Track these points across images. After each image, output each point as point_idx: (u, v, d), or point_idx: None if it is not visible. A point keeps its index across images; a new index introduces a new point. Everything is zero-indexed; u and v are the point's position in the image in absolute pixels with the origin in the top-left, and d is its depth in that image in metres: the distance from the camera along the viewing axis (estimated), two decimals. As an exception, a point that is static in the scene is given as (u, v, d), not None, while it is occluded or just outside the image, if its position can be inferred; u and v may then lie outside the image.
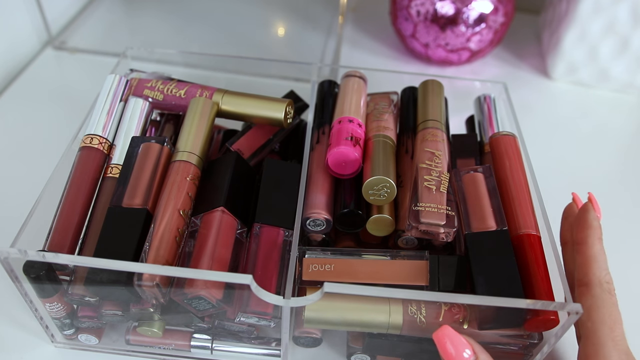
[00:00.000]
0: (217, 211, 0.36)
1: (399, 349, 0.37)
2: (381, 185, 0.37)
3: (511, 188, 0.37)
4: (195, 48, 0.71)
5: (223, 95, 0.43)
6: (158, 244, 0.34)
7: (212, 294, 0.33)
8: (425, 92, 0.45)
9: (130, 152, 0.39)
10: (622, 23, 0.62)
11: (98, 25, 0.75)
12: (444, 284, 0.35)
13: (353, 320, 0.35)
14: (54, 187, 0.38)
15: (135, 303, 0.35)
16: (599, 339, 0.32)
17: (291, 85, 0.52)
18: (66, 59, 0.69)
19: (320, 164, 0.41)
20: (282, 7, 0.81)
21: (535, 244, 0.35)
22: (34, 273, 0.33)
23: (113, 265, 0.32)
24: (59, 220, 0.37)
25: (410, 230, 0.36)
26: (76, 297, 0.35)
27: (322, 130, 0.43)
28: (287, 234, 0.37)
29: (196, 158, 0.38)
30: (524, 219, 0.36)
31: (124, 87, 0.43)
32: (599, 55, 0.66)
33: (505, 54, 0.76)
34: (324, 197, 0.39)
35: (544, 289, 0.33)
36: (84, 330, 0.39)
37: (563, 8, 0.67)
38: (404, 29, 0.68)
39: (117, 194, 0.36)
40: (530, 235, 0.36)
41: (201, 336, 0.39)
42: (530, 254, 0.35)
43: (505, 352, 0.37)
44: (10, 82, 0.64)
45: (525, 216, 0.36)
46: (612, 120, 0.66)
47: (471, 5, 0.63)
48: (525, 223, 0.36)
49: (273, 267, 0.36)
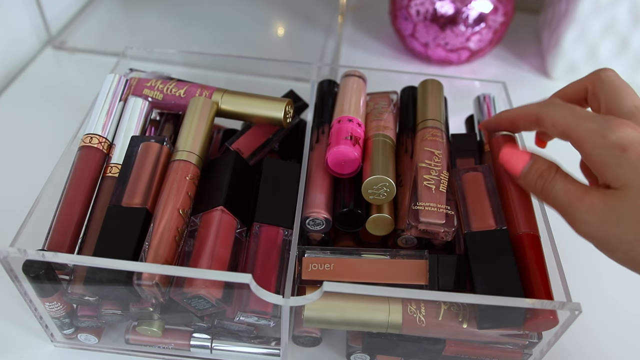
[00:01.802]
0: (217, 210, 0.36)
1: (399, 348, 0.37)
2: (381, 184, 0.37)
3: (511, 188, 0.37)
4: (195, 48, 0.71)
5: (222, 94, 0.43)
6: (157, 244, 0.34)
7: (211, 293, 0.33)
8: (424, 91, 0.45)
9: (129, 152, 0.38)
10: (622, 23, 0.63)
11: (97, 25, 0.75)
12: (444, 283, 0.35)
13: (352, 319, 0.35)
14: (54, 186, 0.38)
15: (135, 302, 0.35)
16: (611, 83, 0.35)
17: (291, 84, 0.52)
18: (66, 58, 0.69)
19: (320, 163, 0.41)
20: (282, 7, 0.81)
21: (535, 243, 0.35)
22: (34, 272, 0.33)
23: (112, 264, 0.32)
24: (58, 220, 0.37)
25: (409, 230, 0.36)
26: (76, 296, 0.35)
27: (322, 130, 0.43)
28: (287, 233, 0.37)
29: (196, 157, 0.38)
30: (524, 219, 0.36)
31: (124, 86, 0.43)
32: (598, 54, 0.66)
33: (504, 53, 0.76)
34: (323, 196, 0.39)
35: (543, 289, 0.33)
36: (84, 330, 0.39)
37: (563, 8, 0.67)
38: (403, 29, 0.68)
39: (116, 193, 0.36)
40: (529, 234, 0.36)
41: (201, 335, 0.39)
42: (529, 254, 0.35)
43: (504, 351, 0.37)
44: (10, 82, 0.64)
45: (525, 216, 0.36)
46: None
47: (471, 4, 0.63)
48: (524, 223, 0.36)
49: (272, 266, 0.36)
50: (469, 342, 0.36)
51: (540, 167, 0.34)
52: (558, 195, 0.32)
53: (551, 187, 0.32)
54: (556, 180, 0.32)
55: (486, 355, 0.37)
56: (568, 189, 0.32)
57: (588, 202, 0.30)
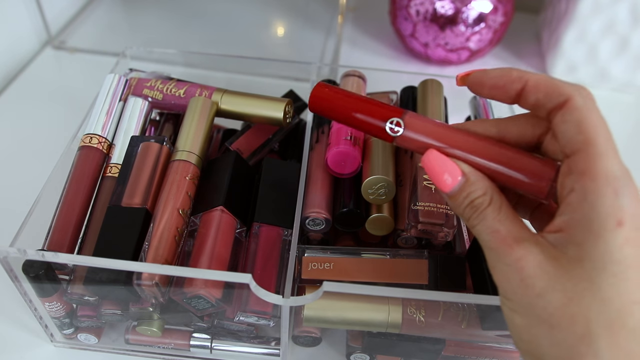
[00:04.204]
0: (217, 210, 0.36)
1: (398, 348, 0.37)
2: (380, 184, 0.37)
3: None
4: (195, 48, 0.71)
5: (222, 94, 0.43)
6: (157, 243, 0.34)
7: (211, 293, 0.33)
8: (424, 91, 0.45)
9: (129, 152, 0.38)
10: (622, 22, 0.62)
11: (97, 25, 0.75)
12: (443, 283, 0.35)
13: (352, 319, 0.35)
14: (54, 186, 0.38)
15: (135, 302, 0.35)
16: (596, 148, 0.23)
17: (291, 84, 0.52)
18: (66, 58, 0.69)
19: (320, 163, 0.41)
20: (282, 7, 0.81)
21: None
22: (33, 272, 0.33)
23: (112, 264, 0.32)
24: (58, 220, 0.37)
25: (409, 230, 0.36)
26: (75, 296, 0.35)
27: (322, 130, 0.43)
28: (287, 233, 0.37)
29: (195, 157, 0.38)
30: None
31: (124, 86, 0.43)
32: (598, 54, 0.66)
33: (504, 53, 0.76)
34: (323, 196, 0.39)
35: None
36: (84, 330, 0.39)
37: (562, 7, 0.67)
38: (403, 29, 0.68)
39: (116, 193, 0.36)
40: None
41: (200, 335, 0.39)
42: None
43: (504, 351, 0.37)
44: (10, 82, 0.64)
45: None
46: (611, 120, 0.65)
47: (470, 4, 0.63)
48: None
49: (272, 266, 0.36)
50: (468, 342, 0.37)
51: (472, 192, 0.26)
52: (481, 235, 0.25)
53: (477, 221, 0.25)
54: (486, 214, 0.25)
55: (486, 355, 0.37)
56: (496, 229, 0.24)
57: (518, 256, 0.23)
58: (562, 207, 0.24)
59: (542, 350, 0.22)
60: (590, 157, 0.23)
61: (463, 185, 0.26)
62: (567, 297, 0.22)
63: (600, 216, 0.22)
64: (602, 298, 0.21)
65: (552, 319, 0.22)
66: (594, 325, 0.21)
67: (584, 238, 0.22)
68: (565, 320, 0.22)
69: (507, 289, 0.23)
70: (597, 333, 0.21)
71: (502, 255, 0.24)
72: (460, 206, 0.26)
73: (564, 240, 0.23)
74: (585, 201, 0.22)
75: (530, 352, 0.23)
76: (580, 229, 0.22)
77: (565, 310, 0.22)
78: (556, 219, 0.24)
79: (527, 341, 0.23)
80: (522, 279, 0.23)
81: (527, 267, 0.23)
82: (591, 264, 0.22)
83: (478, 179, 0.26)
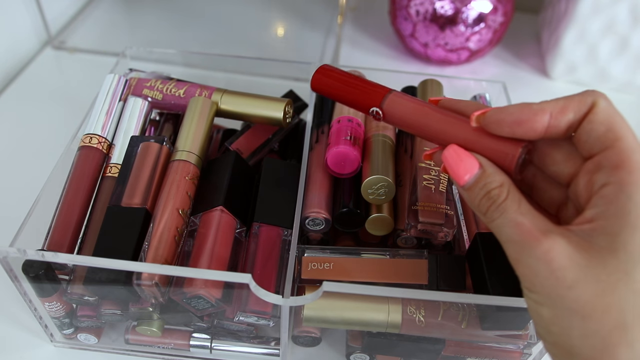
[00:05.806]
0: (216, 210, 0.36)
1: (398, 348, 0.37)
2: (380, 184, 0.37)
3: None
4: (195, 48, 0.71)
5: (222, 94, 0.43)
6: (157, 243, 0.34)
7: (211, 293, 0.33)
8: (424, 91, 0.45)
9: (129, 152, 0.39)
10: (622, 23, 0.62)
11: (97, 25, 0.75)
12: (443, 283, 0.35)
13: (352, 319, 0.35)
14: (53, 186, 0.38)
15: (135, 302, 0.35)
16: (628, 143, 0.23)
17: (290, 84, 0.52)
18: (65, 58, 0.69)
19: (320, 163, 0.41)
20: (282, 7, 0.81)
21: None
22: (33, 272, 0.33)
23: (112, 264, 0.32)
24: (58, 220, 0.37)
25: (409, 230, 0.36)
26: (75, 296, 0.35)
27: (322, 130, 0.43)
28: (286, 233, 0.37)
29: (195, 157, 0.38)
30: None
31: (123, 86, 0.43)
32: (598, 54, 0.66)
33: (504, 53, 0.76)
34: (323, 196, 0.39)
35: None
36: (83, 330, 0.39)
37: (562, 7, 0.67)
38: (403, 29, 0.68)
39: (116, 193, 0.36)
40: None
41: (200, 335, 0.39)
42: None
43: (504, 351, 0.37)
44: (10, 82, 0.64)
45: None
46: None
47: (470, 4, 0.63)
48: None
49: (272, 266, 0.36)
50: (468, 342, 0.37)
51: (488, 183, 0.26)
52: (503, 228, 0.24)
53: (497, 214, 0.25)
54: (506, 206, 0.25)
55: (486, 355, 0.37)
56: (520, 222, 0.24)
57: (546, 248, 0.22)
58: (594, 200, 0.24)
59: (572, 342, 0.22)
60: (623, 151, 0.23)
61: (480, 176, 0.26)
62: (600, 288, 0.22)
63: (638, 207, 0.22)
64: (637, 289, 0.21)
65: (584, 310, 0.22)
66: (628, 316, 0.21)
67: (619, 229, 0.22)
68: (599, 311, 0.21)
69: (534, 282, 0.23)
70: (631, 323, 0.21)
71: (528, 248, 0.23)
72: (476, 198, 0.26)
73: (594, 232, 0.23)
74: (622, 193, 0.22)
75: (559, 344, 0.23)
76: (616, 220, 0.22)
77: (598, 301, 0.22)
78: (587, 212, 0.24)
79: (556, 333, 0.23)
80: (552, 271, 0.22)
81: (557, 258, 0.22)
82: (626, 255, 0.22)
83: (495, 172, 0.26)
